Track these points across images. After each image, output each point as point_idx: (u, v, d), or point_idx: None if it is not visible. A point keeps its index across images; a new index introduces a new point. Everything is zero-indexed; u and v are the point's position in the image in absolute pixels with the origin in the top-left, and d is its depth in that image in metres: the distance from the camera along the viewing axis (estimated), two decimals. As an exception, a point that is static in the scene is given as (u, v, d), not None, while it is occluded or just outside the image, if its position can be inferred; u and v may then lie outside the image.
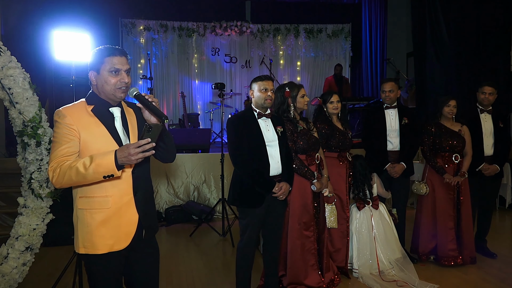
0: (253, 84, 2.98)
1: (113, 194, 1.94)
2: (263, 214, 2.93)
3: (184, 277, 3.78)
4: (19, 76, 3.00)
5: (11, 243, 3.09)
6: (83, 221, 1.95)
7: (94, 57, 1.95)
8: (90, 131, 1.90)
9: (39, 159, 3.07)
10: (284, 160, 2.98)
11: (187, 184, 5.95)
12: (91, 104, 1.96)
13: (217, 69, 9.54)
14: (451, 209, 3.89)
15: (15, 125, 3.07)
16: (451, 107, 3.89)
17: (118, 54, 1.93)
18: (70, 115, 1.89)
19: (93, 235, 1.93)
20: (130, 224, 1.99)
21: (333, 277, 3.43)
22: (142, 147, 1.70)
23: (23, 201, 3.13)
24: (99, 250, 1.93)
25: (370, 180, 3.79)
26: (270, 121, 3.01)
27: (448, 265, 3.85)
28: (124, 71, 1.94)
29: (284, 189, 2.90)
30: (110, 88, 1.92)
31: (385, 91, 3.89)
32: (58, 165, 1.83)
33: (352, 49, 9.89)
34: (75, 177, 1.80)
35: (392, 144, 3.89)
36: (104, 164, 1.75)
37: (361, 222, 3.72)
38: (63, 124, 1.87)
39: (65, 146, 1.86)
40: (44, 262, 4.02)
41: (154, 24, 9.03)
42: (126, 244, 1.98)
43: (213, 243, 4.86)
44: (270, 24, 9.61)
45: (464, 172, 3.87)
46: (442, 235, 3.91)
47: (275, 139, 2.95)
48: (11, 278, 3.08)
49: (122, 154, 1.73)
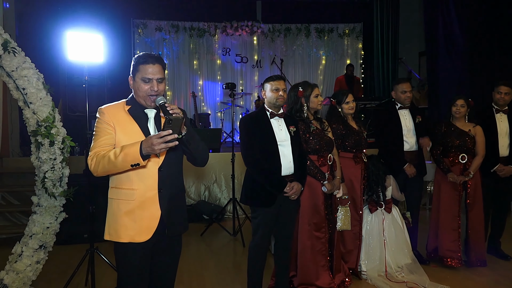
0: (265, 84, 2.99)
1: (138, 187, 2.08)
2: (275, 214, 2.93)
3: (194, 276, 3.80)
4: (33, 76, 3.04)
5: (25, 241, 3.13)
6: (110, 209, 2.13)
7: (132, 63, 2.12)
8: (124, 128, 2.08)
9: (53, 158, 3.10)
10: (297, 160, 2.96)
11: (198, 184, 5.97)
12: (129, 104, 2.14)
13: (228, 69, 9.56)
14: (456, 210, 3.85)
15: (29, 125, 3.11)
16: (458, 107, 3.85)
17: (151, 62, 2.07)
18: (108, 112, 2.09)
19: (117, 223, 2.08)
20: (152, 218, 2.09)
21: (344, 278, 3.42)
22: (164, 138, 1.79)
23: (37, 200, 3.17)
24: (121, 239, 2.07)
25: (384, 181, 3.75)
26: (283, 121, 3.00)
27: (448, 266, 3.82)
28: (155, 80, 2.06)
29: (296, 189, 2.89)
30: (142, 95, 2.09)
31: (406, 91, 3.83)
32: (95, 154, 2.02)
33: (363, 49, 9.84)
34: (107, 165, 1.96)
35: (408, 144, 3.86)
36: (130, 153, 1.89)
37: (372, 225, 3.69)
38: (102, 120, 2.09)
39: (103, 138, 2.06)
40: (57, 260, 4.05)
41: (166, 25, 9.08)
42: (147, 238, 2.08)
43: (223, 242, 4.87)
44: (281, 24, 9.60)
45: (468, 172, 3.80)
46: (443, 235, 3.89)
47: (288, 139, 2.95)
48: (25, 276, 3.12)
49: (146, 144, 1.85)
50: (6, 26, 5.24)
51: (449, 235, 3.85)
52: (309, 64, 9.87)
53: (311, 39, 9.75)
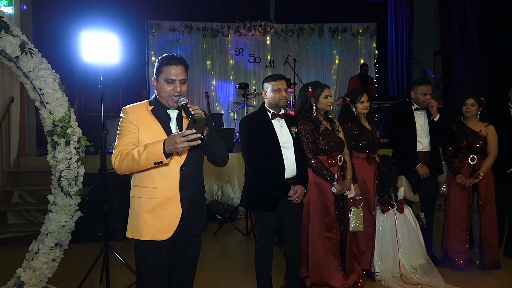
0: (266, 83, 2.93)
1: (160, 186, 2.11)
2: (279, 217, 2.90)
3: (207, 275, 3.81)
4: (50, 77, 3.08)
5: (42, 239, 3.18)
6: (132, 207, 2.17)
7: (156, 65, 2.16)
8: (147, 128, 2.12)
9: (68, 157, 3.14)
10: (299, 161, 2.93)
11: (211, 184, 5.99)
12: (152, 105, 2.18)
13: (241, 69, 9.56)
14: (465, 211, 3.80)
15: (46, 125, 3.15)
16: (468, 106, 3.80)
17: (175, 63, 2.10)
18: (132, 112, 2.14)
19: (139, 221, 2.12)
20: (173, 217, 2.13)
21: (357, 279, 3.39)
22: (187, 137, 1.82)
23: (53, 199, 3.21)
24: (143, 237, 2.11)
25: (395, 182, 3.71)
26: (284, 122, 2.96)
27: (457, 268, 3.77)
28: (178, 81, 2.10)
29: (300, 192, 2.86)
30: (165, 95, 2.12)
31: (427, 93, 3.74)
32: (119, 153, 2.06)
33: (377, 48, 9.75)
34: (131, 163, 2.00)
35: (422, 144, 3.81)
36: (154, 151, 1.93)
37: (385, 226, 3.66)
38: (126, 119, 2.13)
39: (127, 137, 2.10)
40: (72, 258, 4.11)
41: (179, 25, 9.13)
42: (168, 236, 2.12)
43: (236, 242, 4.88)
44: (294, 23, 9.56)
45: (478, 174, 3.72)
46: (452, 236, 3.85)
47: (290, 141, 2.91)
48: (42, 273, 3.17)
49: (170, 143, 1.88)
50: (23, 28, 5.34)
51: (457, 236, 3.81)
52: (322, 64, 9.82)
53: (325, 39, 9.69)
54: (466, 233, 3.79)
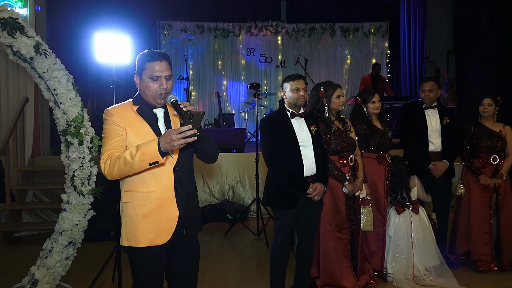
0: (285, 83, 2.98)
1: (155, 189, 2.01)
2: (297, 215, 2.92)
3: (218, 275, 3.82)
4: (63, 77, 3.12)
5: (55, 237, 3.22)
6: (126, 214, 2.05)
7: (137, 62, 2.04)
8: (135, 128, 2.01)
9: (81, 157, 3.17)
10: (319, 160, 2.94)
11: (222, 184, 6.01)
12: (137, 104, 2.08)
13: (252, 69, 9.58)
14: (487, 212, 3.75)
15: (59, 125, 3.19)
16: (485, 106, 3.76)
17: (159, 59, 1.99)
18: (117, 113, 2.02)
19: (135, 228, 2.01)
20: (170, 219, 2.04)
21: (369, 280, 3.36)
22: (184, 133, 1.73)
23: (66, 198, 3.25)
24: (140, 243, 2.01)
25: (407, 183, 3.67)
26: (304, 121, 2.98)
27: (481, 271, 3.71)
28: (164, 77, 1.99)
29: (319, 189, 2.87)
30: (150, 94, 2.01)
31: (425, 90, 3.78)
32: (109, 157, 1.94)
33: (389, 47, 9.67)
34: (124, 167, 1.88)
35: (434, 145, 3.77)
36: (148, 152, 1.82)
37: (400, 227, 3.61)
38: (111, 121, 2.00)
39: (114, 140, 1.98)
40: (85, 256, 4.15)
41: (191, 26, 9.18)
42: (166, 239, 2.04)
43: (247, 242, 4.88)
44: (306, 23, 9.54)
45: (501, 174, 3.70)
46: (475, 238, 3.78)
47: (309, 139, 2.93)
48: (55, 271, 3.21)
49: (165, 140, 1.78)
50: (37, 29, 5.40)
51: (481, 238, 3.75)
52: (334, 63, 9.78)
53: (336, 39, 9.65)
54: (489, 235, 3.74)
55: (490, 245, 3.73)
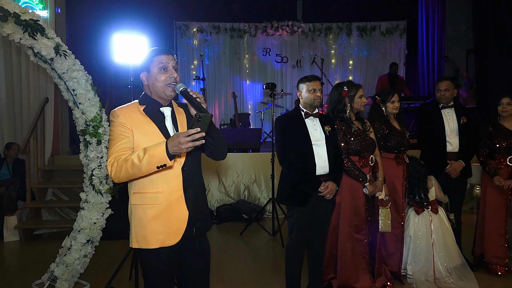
0: (301, 84, 3.01)
1: (163, 190, 1.99)
2: (310, 213, 2.93)
3: (234, 275, 3.82)
4: (82, 78, 3.17)
5: (74, 235, 3.28)
6: (136, 216, 2.03)
7: (144, 58, 2.06)
8: (142, 129, 1.98)
9: (100, 156, 3.22)
10: (332, 159, 2.95)
11: (237, 183, 6.02)
12: (143, 104, 2.05)
13: (268, 69, 9.57)
14: (503, 214, 3.67)
15: (78, 124, 3.25)
16: (503, 105, 3.69)
17: (165, 52, 2.03)
18: (123, 114, 1.99)
19: (145, 229, 1.99)
20: (180, 220, 2.02)
21: (386, 282, 3.32)
22: (192, 136, 1.70)
23: (85, 196, 3.30)
24: (151, 245, 1.99)
25: (425, 183, 3.62)
26: (318, 121, 3.00)
27: (495, 273, 3.63)
28: (172, 67, 2.01)
29: (330, 188, 2.87)
30: (160, 85, 2.00)
31: (440, 89, 3.74)
32: (115, 159, 1.91)
33: (407, 47, 9.54)
34: (131, 170, 1.86)
35: (451, 145, 3.72)
36: (156, 155, 1.80)
37: (420, 227, 3.56)
38: (117, 122, 1.97)
39: (121, 142, 1.94)
40: (103, 254, 4.21)
41: (207, 26, 9.22)
42: (176, 240, 2.02)
43: (263, 242, 4.88)
44: (322, 23, 9.49)
45: None
46: (490, 240, 3.72)
47: (322, 139, 2.95)
48: (74, 269, 3.27)
49: (173, 144, 1.76)
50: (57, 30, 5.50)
51: (495, 241, 3.68)
52: (350, 63, 9.69)
53: (353, 38, 9.57)
54: (504, 237, 3.67)
55: (504, 248, 3.66)
